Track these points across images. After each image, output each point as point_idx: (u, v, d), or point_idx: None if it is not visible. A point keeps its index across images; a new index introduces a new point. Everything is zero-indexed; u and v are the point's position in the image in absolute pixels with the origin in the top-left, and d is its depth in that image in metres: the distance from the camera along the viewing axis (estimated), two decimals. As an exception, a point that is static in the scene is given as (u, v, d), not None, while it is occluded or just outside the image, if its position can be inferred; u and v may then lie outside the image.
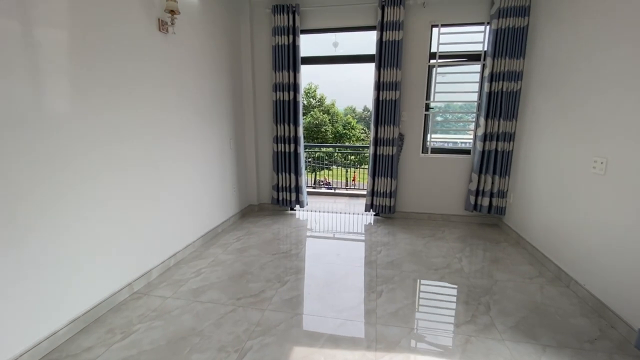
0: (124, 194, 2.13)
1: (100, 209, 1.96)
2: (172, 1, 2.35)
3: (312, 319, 1.98)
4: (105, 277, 2.02)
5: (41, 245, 1.62)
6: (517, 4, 3.14)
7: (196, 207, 2.98)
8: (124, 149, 2.11)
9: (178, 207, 2.71)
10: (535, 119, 3.00)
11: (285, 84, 3.74)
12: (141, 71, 2.24)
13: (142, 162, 2.28)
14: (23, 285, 1.55)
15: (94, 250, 1.93)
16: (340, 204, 4.97)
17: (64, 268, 1.75)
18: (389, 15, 3.39)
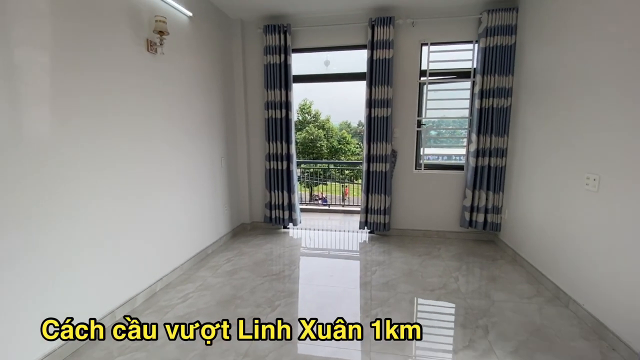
0: (108, 217, 2.06)
1: (82, 233, 1.88)
2: (161, 22, 2.36)
3: (303, 347, 1.89)
4: (85, 305, 1.92)
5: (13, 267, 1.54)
6: (504, 23, 3.20)
7: (185, 229, 2.90)
8: (108, 171, 2.05)
9: (165, 230, 2.63)
10: (526, 135, 3.01)
11: (278, 102, 3.73)
12: (128, 93, 2.21)
13: (127, 184, 2.22)
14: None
15: (72, 278, 1.83)
16: (335, 220, 4.90)
17: (37, 297, 1.65)
18: (378, 34, 3.43)
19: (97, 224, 1.98)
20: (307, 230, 4.19)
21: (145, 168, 2.39)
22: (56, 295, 1.74)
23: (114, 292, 2.13)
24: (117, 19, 2.11)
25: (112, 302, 2.12)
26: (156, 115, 2.49)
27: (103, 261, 2.03)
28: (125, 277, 2.22)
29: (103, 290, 2.04)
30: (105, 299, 2.06)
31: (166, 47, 2.56)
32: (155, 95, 2.48)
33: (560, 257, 2.43)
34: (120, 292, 2.19)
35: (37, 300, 1.64)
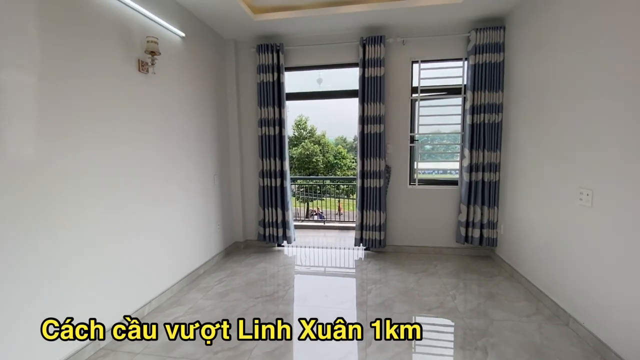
0: (94, 240, 2.00)
1: (66, 257, 1.81)
2: (153, 43, 2.37)
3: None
4: (69, 333, 1.83)
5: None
6: (492, 41, 3.27)
7: (176, 249, 2.83)
8: (96, 190, 2.01)
9: (155, 251, 2.57)
10: (518, 150, 3.02)
11: (271, 119, 3.74)
12: (119, 112, 2.20)
13: (115, 203, 2.17)
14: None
15: (58, 303, 1.76)
16: (330, 237, 4.84)
17: (21, 324, 1.57)
18: (370, 53, 3.49)
19: (81, 249, 1.92)
20: (302, 248, 4.12)
21: (134, 190, 2.35)
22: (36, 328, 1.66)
23: (102, 316, 2.04)
24: (108, 40, 2.12)
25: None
26: (146, 136, 2.47)
27: (96, 281, 1.96)
28: (111, 303, 2.13)
29: (91, 315, 1.96)
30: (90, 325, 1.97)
31: (158, 67, 2.57)
32: (146, 116, 2.47)
33: (557, 273, 2.39)
34: (107, 317, 2.10)
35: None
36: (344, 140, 30.57)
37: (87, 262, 1.95)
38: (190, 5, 2.94)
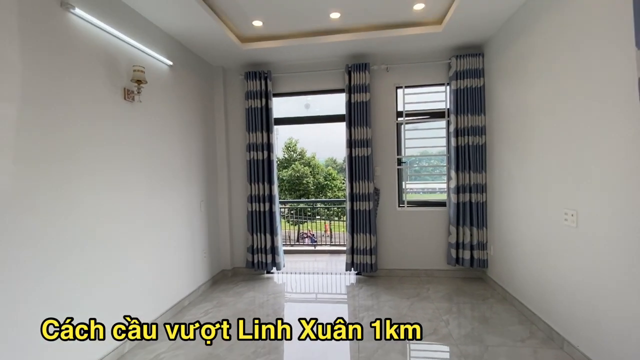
0: (62, 285, 1.90)
1: (36, 297, 1.71)
2: (139, 72, 2.38)
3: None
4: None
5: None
6: (471, 67, 3.41)
7: (158, 281, 2.71)
8: (69, 223, 1.93)
9: (135, 285, 2.45)
10: (503, 171, 3.08)
11: (259, 144, 3.75)
12: (103, 141, 2.16)
13: (94, 237, 2.09)
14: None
15: (25, 346, 1.64)
16: (321, 262, 4.75)
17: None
18: (355, 79, 3.59)
19: (56, 284, 1.82)
20: (292, 275, 4.02)
21: (115, 220, 2.27)
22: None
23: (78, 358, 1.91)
24: (93, 69, 2.12)
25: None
26: (130, 165, 2.43)
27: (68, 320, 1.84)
28: (86, 343, 2.00)
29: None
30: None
31: (144, 95, 2.57)
32: (131, 144, 2.44)
33: (549, 295, 2.37)
34: (85, 358, 1.96)
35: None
36: (334, 162, 30.81)
37: (62, 301, 1.85)
38: (178, 35, 2.99)
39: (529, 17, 2.53)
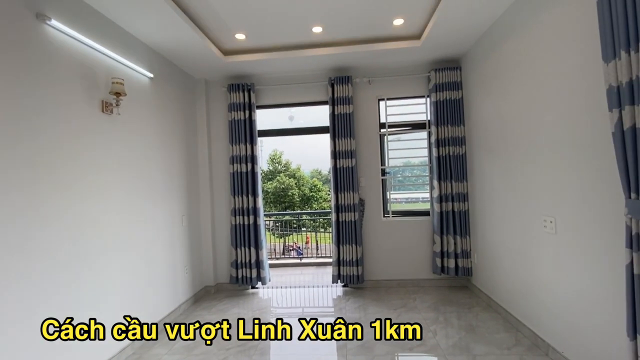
0: (28, 305, 1.78)
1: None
2: (118, 84, 2.33)
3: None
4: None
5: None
6: (450, 80, 3.52)
7: (136, 301, 2.58)
8: (33, 234, 1.83)
9: (111, 306, 2.33)
10: (484, 180, 3.15)
11: (243, 156, 3.71)
12: (79, 154, 2.08)
13: (59, 253, 1.98)
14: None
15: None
16: (307, 275, 4.68)
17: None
18: (338, 91, 3.63)
19: (11, 311, 1.70)
20: (278, 289, 3.93)
21: (85, 235, 2.17)
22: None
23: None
24: (69, 80, 2.05)
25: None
26: (108, 177, 2.34)
27: (39, 346, 1.71)
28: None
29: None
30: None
31: (124, 108, 2.50)
32: (108, 157, 2.36)
33: (532, 302, 2.41)
34: None
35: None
36: (319, 173, 30.88)
37: (27, 330, 1.73)
38: (159, 47, 2.96)
39: (502, 32, 2.65)
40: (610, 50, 1.42)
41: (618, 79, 1.40)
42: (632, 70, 1.32)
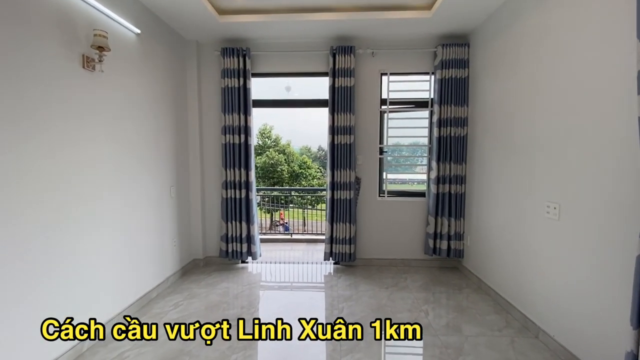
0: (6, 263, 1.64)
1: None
2: (101, 37, 2.09)
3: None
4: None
5: None
6: (457, 57, 3.36)
7: (121, 273, 2.46)
8: (17, 202, 1.67)
9: (95, 277, 2.21)
10: (484, 163, 3.09)
11: (236, 126, 3.52)
12: (56, 113, 1.87)
13: (41, 223, 1.83)
14: None
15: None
16: (297, 251, 4.64)
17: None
18: (340, 62, 3.43)
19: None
20: (268, 264, 3.88)
21: (69, 204, 2.01)
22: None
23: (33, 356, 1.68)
24: (43, 30, 1.81)
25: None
26: (90, 143, 2.15)
27: (15, 322, 1.60)
28: (39, 343, 1.77)
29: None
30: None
31: (107, 65, 2.27)
32: (90, 118, 2.15)
33: (525, 286, 2.42)
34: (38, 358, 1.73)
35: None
36: (308, 150, 30.61)
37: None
38: (147, 0, 2.67)
39: (519, 8, 2.49)
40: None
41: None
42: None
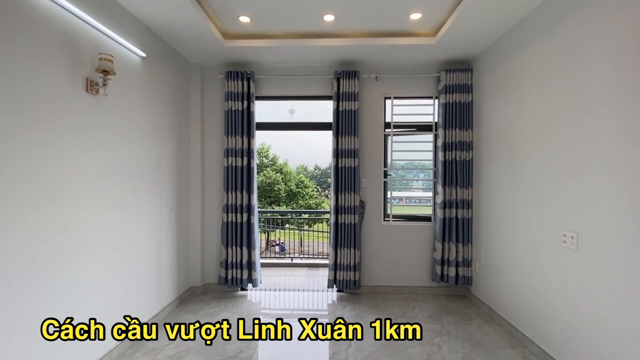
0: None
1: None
2: (106, 61, 2.05)
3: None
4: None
5: None
6: (460, 82, 3.38)
7: (113, 307, 2.29)
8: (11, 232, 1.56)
9: (87, 311, 2.07)
10: (491, 188, 3.04)
11: (239, 149, 3.46)
12: (56, 135, 1.80)
13: (42, 253, 1.71)
14: None
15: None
16: (298, 276, 4.48)
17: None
18: (344, 86, 3.44)
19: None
20: (269, 292, 3.72)
21: (58, 229, 1.90)
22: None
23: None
24: (48, 51, 1.76)
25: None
26: (89, 166, 2.07)
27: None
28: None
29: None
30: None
31: (111, 88, 2.22)
32: (92, 141, 2.08)
33: (543, 318, 2.31)
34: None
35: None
36: (305, 169, 30.65)
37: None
38: (153, 24, 2.67)
39: (523, 36, 2.52)
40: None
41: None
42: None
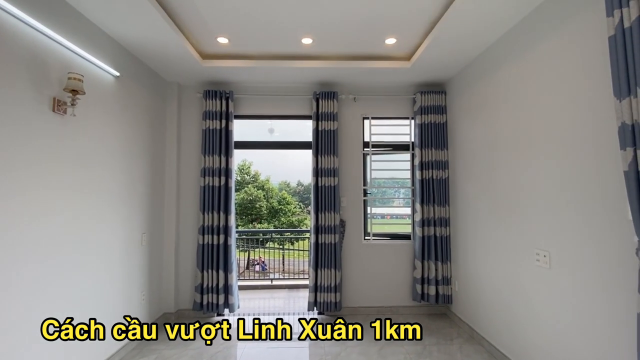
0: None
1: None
2: (76, 80, 1.97)
3: None
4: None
5: None
6: (435, 104, 3.50)
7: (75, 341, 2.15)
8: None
9: (44, 345, 1.90)
10: (467, 206, 3.11)
11: (216, 168, 3.40)
12: (18, 158, 1.70)
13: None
14: None
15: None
16: (278, 299, 4.36)
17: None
18: (323, 107, 3.48)
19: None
20: (247, 317, 3.57)
21: (17, 255, 1.76)
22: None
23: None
24: (10, 70, 1.68)
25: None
26: (54, 191, 1.95)
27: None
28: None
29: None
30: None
31: (81, 108, 2.14)
32: (58, 164, 1.97)
33: (520, 336, 2.32)
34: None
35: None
36: (287, 185, 30.49)
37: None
38: (128, 44, 2.63)
39: (491, 62, 2.65)
40: (625, 87, 1.38)
41: (633, 117, 1.35)
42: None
